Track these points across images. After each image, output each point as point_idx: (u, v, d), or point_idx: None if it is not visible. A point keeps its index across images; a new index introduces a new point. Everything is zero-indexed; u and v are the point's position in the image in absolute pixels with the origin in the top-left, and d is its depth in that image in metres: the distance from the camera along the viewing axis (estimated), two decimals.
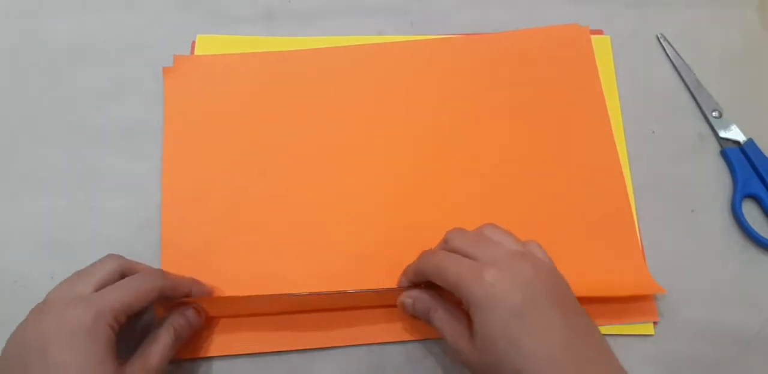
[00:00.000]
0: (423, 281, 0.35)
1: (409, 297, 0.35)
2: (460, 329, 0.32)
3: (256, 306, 0.37)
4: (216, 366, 0.37)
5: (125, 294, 0.31)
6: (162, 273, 0.35)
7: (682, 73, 0.46)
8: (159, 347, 0.33)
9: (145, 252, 0.39)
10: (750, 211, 0.41)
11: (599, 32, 0.48)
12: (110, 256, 0.35)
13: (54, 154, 0.43)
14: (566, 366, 0.28)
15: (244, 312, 0.37)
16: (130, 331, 0.35)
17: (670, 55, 0.47)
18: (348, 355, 0.37)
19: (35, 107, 0.45)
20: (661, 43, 0.48)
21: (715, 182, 0.42)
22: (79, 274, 0.33)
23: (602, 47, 0.47)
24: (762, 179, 0.42)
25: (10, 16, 0.48)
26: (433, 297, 0.34)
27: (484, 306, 0.29)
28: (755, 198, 0.42)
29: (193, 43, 0.47)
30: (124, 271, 0.34)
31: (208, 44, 0.47)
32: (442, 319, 0.33)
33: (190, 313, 0.35)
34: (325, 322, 0.37)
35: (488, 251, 0.32)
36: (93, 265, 0.34)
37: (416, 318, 0.35)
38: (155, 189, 0.41)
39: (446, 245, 0.34)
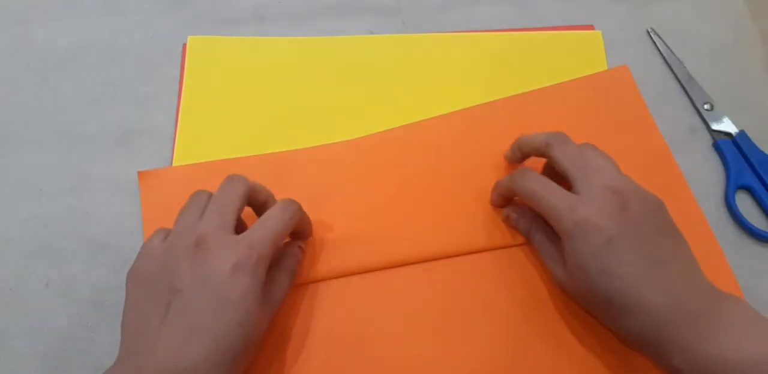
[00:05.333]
0: (509, 193, 0.37)
1: (514, 212, 0.38)
2: (555, 254, 0.34)
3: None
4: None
5: (277, 234, 0.32)
6: (297, 206, 0.35)
7: (673, 67, 0.46)
8: (281, 291, 0.34)
9: None
10: (743, 202, 0.41)
11: (590, 27, 0.48)
12: (235, 180, 0.34)
13: (47, 159, 0.43)
14: (653, 292, 0.29)
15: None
16: None
17: (660, 49, 0.47)
18: None
19: (28, 111, 0.45)
20: (651, 38, 0.48)
21: (708, 174, 0.42)
22: (215, 203, 0.33)
23: (593, 42, 0.47)
24: (755, 171, 0.42)
25: (0, 21, 0.48)
26: (535, 218, 0.37)
27: (575, 238, 0.31)
28: (748, 189, 0.42)
29: (185, 44, 0.47)
30: (250, 193, 0.34)
31: (200, 46, 0.47)
32: (541, 242, 0.36)
33: (298, 252, 0.36)
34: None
35: (586, 181, 0.32)
36: (226, 192, 0.33)
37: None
38: None
39: (547, 150, 0.35)
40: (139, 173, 0.41)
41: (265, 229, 0.32)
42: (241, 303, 0.29)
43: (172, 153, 0.43)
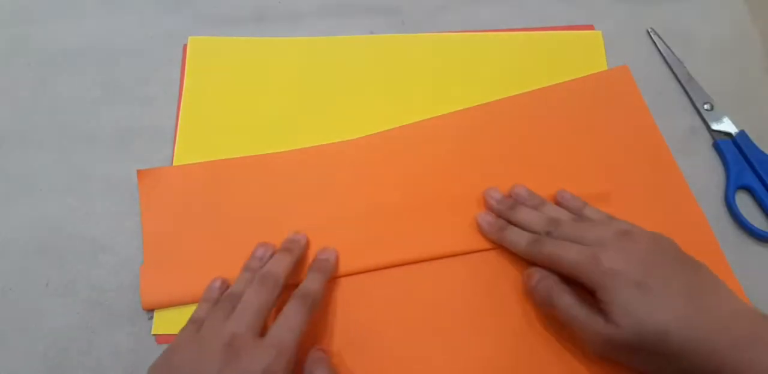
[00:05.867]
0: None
1: (535, 278, 0.35)
2: (589, 311, 0.33)
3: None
4: None
5: (302, 332, 0.33)
6: (316, 294, 0.35)
7: (673, 67, 0.46)
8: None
9: (140, 258, 0.39)
10: (743, 202, 0.41)
11: (590, 28, 0.48)
12: (269, 280, 0.35)
13: (47, 159, 0.43)
14: (701, 322, 0.30)
15: None
16: None
17: (660, 49, 0.47)
18: None
19: (27, 112, 0.45)
20: (651, 38, 0.48)
21: (708, 174, 0.42)
22: (249, 304, 0.33)
23: (594, 43, 0.47)
24: (755, 171, 0.42)
25: (0, 21, 0.48)
26: (557, 281, 0.35)
27: (609, 286, 0.31)
28: (748, 189, 0.42)
29: (185, 45, 0.47)
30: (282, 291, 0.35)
31: (200, 46, 0.47)
32: (571, 305, 0.33)
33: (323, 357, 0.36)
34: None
35: (594, 234, 0.34)
36: (260, 292, 0.34)
37: (536, 301, 0.36)
38: None
39: (552, 235, 0.36)
40: (138, 172, 0.41)
41: (290, 331, 0.32)
42: None
43: (173, 153, 0.43)
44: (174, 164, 0.42)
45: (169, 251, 0.39)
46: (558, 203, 0.39)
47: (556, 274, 0.35)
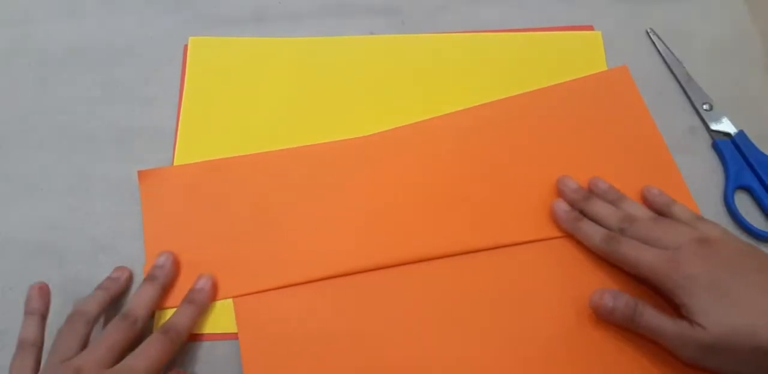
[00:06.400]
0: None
1: (610, 297, 0.34)
2: (678, 321, 0.32)
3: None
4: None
5: (154, 363, 0.32)
6: (181, 329, 0.35)
7: (672, 67, 0.46)
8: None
9: (142, 259, 0.39)
10: (742, 202, 0.41)
11: (589, 28, 0.48)
12: (127, 323, 0.34)
13: (47, 159, 0.43)
14: None
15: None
16: None
17: (659, 49, 0.47)
18: None
19: (28, 111, 0.45)
20: (650, 38, 0.48)
21: (707, 174, 0.42)
22: (103, 339, 0.33)
23: (593, 43, 0.47)
24: (754, 171, 0.42)
25: (0, 21, 0.48)
26: (632, 297, 0.34)
27: (689, 289, 0.31)
28: (747, 190, 0.42)
29: (186, 45, 0.47)
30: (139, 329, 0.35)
31: (201, 47, 0.47)
32: (655, 315, 0.33)
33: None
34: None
35: (671, 237, 0.34)
36: (120, 329, 0.34)
37: (617, 321, 0.35)
38: None
39: (625, 232, 0.36)
40: (139, 172, 0.41)
41: (144, 360, 0.32)
42: None
43: (173, 153, 0.43)
44: (174, 164, 0.42)
45: (171, 252, 0.39)
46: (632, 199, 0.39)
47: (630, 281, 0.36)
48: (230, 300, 0.37)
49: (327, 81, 0.46)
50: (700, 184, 0.42)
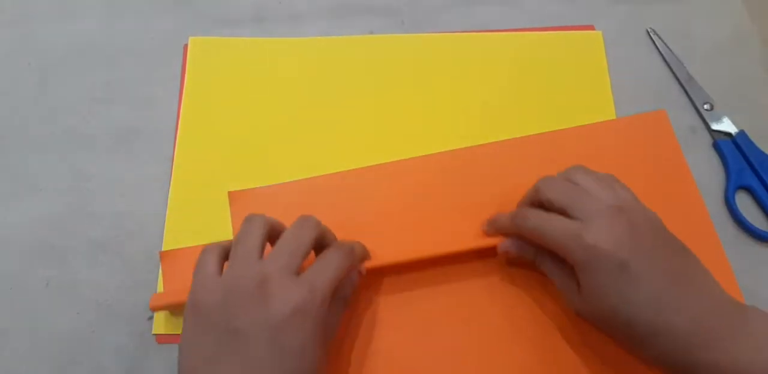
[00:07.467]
0: (514, 234, 0.36)
1: (513, 246, 0.36)
2: (568, 281, 0.33)
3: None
4: None
5: (339, 276, 0.32)
6: (360, 247, 0.35)
7: (673, 67, 0.46)
8: (336, 321, 0.34)
9: (140, 258, 0.39)
10: (743, 202, 0.41)
11: (590, 28, 0.48)
12: (310, 224, 0.33)
13: (47, 159, 0.43)
14: (675, 316, 0.29)
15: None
16: None
17: (660, 49, 0.47)
18: None
19: (28, 111, 0.45)
20: (651, 38, 0.48)
21: (708, 174, 0.42)
22: (285, 245, 0.32)
23: (594, 43, 0.47)
24: (755, 171, 0.42)
25: (0, 21, 0.48)
26: (537, 248, 0.35)
27: (589, 266, 0.30)
28: (748, 189, 0.42)
29: (185, 45, 0.47)
30: (318, 239, 0.34)
31: (201, 46, 0.47)
32: (551, 270, 0.34)
33: (356, 278, 0.35)
34: None
35: (584, 207, 0.32)
36: (297, 235, 0.33)
37: (513, 264, 0.37)
38: (150, 193, 0.41)
39: (537, 195, 0.34)
40: (229, 194, 0.41)
41: (327, 271, 0.31)
42: (303, 352, 0.29)
43: (173, 154, 0.43)
44: (174, 164, 0.42)
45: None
46: None
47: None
48: None
49: (327, 81, 0.46)
50: (700, 184, 0.42)
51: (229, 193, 0.41)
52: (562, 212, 0.33)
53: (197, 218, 0.41)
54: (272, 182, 0.42)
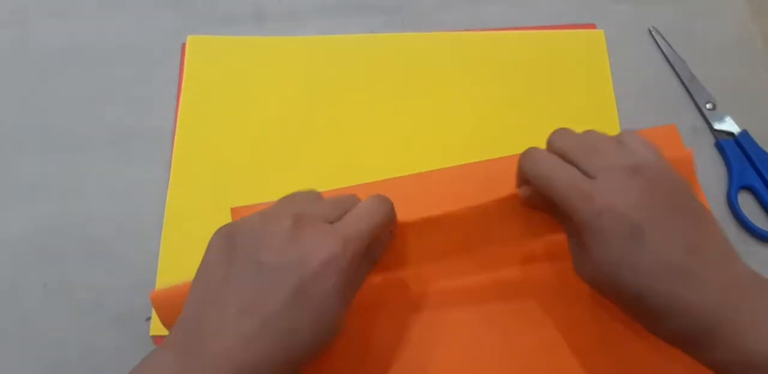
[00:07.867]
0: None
1: (526, 190, 0.32)
2: (576, 244, 0.30)
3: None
4: None
5: (373, 230, 0.29)
6: (392, 204, 0.32)
7: (675, 66, 0.46)
8: (359, 281, 0.31)
9: (139, 260, 0.39)
10: (745, 202, 0.41)
11: (592, 26, 0.48)
12: (386, 204, 0.31)
13: (46, 159, 0.43)
14: (689, 289, 0.26)
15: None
16: None
17: (662, 48, 0.47)
18: None
19: (26, 112, 0.45)
20: (653, 37, 0.47)
21: (710, 174, 0.42)
22: (333, 203, 0.30)
23: (596, 42, 0.47)
24: (757, 170, 0.42)
25: (0, 21, 0.48)
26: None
27: (596, 231, 0.27)
28: (750, 189, 0.41)
29: (184, 44, 0.47)
30: (385, 226, 0.32)
31: (199, 45, 0.47)
32: (566, 226, 0.31)
33: (387, 237, 0.33)
34: None
35: (597, 162, 0.29)
36: (371, 209, 0.30)
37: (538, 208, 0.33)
38: (149, 196, 0.41)
39: (551, 148, 0.31)
40: (232, 209, 0.40)
41: (361, 223, 0.29)
42: (324, 305, 0.27)
43: (171, 154, 0.43)
44: (173, 164, 0.42)
45: None
46: None
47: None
48: None
49: (327, 80, 0.45)
50: (703, 183, 0.41)
51: (232, 209, 0.40)
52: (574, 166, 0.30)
53: (196, 218, 0.40)
54: (272, 183, 0.41)
